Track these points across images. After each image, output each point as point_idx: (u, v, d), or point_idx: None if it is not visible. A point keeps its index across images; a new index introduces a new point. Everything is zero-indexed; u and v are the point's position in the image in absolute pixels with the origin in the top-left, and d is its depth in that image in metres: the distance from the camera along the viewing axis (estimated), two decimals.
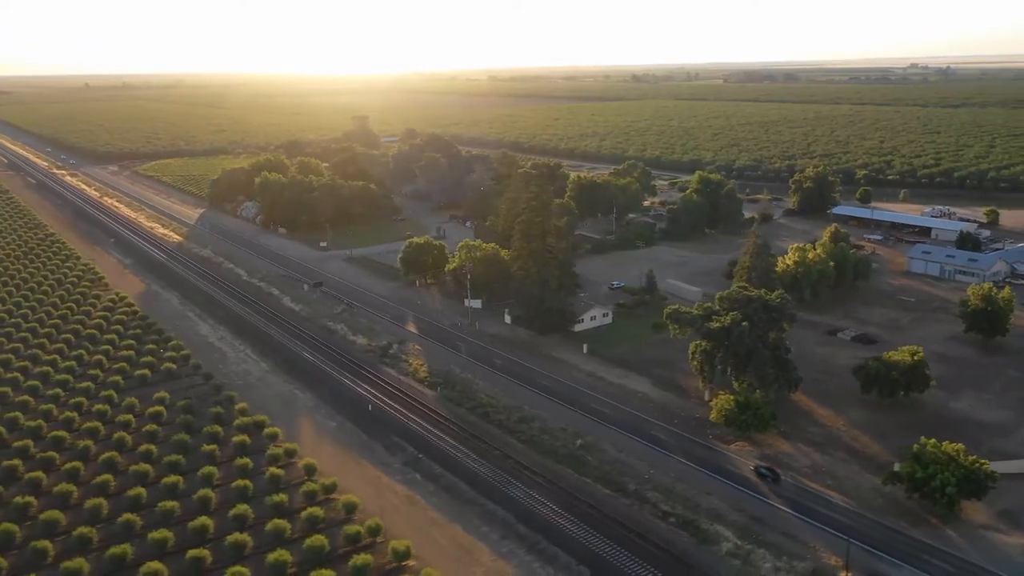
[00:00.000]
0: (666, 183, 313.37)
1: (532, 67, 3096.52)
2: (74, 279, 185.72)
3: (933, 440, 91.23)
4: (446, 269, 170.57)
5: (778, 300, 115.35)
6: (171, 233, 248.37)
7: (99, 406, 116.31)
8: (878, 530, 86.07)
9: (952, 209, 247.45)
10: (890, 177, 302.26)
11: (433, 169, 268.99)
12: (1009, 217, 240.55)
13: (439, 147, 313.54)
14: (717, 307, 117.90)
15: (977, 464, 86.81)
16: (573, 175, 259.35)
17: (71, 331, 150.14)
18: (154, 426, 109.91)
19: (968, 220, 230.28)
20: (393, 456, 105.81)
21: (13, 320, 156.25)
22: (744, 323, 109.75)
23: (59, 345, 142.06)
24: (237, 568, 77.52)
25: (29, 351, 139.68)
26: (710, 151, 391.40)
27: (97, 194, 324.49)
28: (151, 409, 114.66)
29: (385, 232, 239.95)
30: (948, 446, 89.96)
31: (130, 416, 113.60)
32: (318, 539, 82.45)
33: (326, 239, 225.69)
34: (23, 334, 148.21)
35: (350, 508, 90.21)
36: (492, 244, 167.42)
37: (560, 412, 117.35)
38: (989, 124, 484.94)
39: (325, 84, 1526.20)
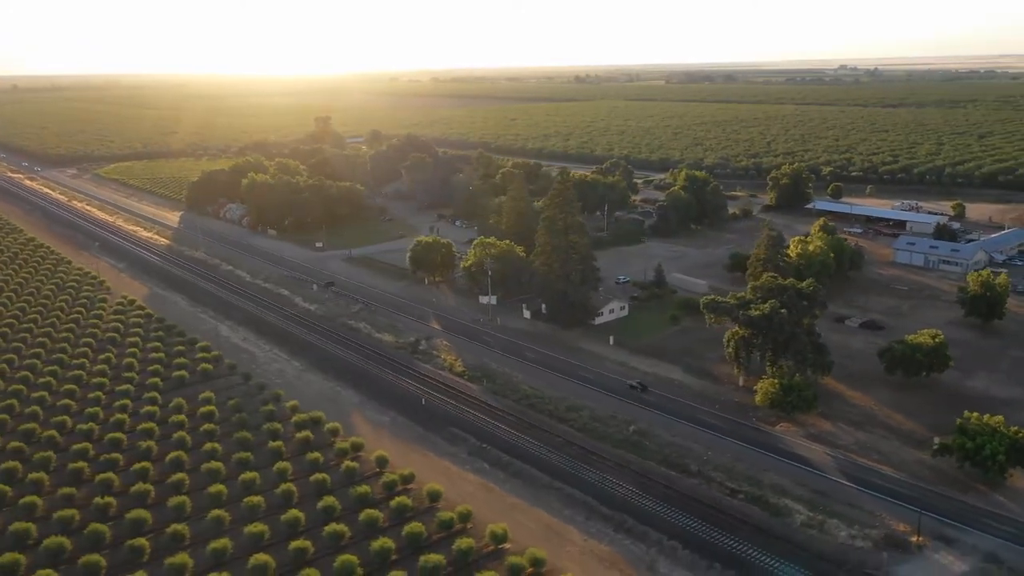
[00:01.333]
0: (640, 181, 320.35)
1: (473, 68, 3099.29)
2: (73, 283, 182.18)
3: (976, 413, 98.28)
4: (462, 266, 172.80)
5: (810, 288, 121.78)
6: (156, 236, 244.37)
7: (148, 407, 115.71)
8: (934, 498, 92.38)
9: (919, 203, 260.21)
10: (854, 174, 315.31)
11: (419, 169, 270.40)
12: (972, 210, 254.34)
13: (416, 147, 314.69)
14: (750, 296, 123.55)
15: (1020, 434, 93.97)
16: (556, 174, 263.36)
17: (89, 335, 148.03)
18: (211, 425, 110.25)
19: (936, 214, 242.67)
20: (456, 447, 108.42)
21: (23, 326, 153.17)
22: (783, 310, 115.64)
23: (83, 349, 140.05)
24: (345, 557, 79.20)
25: (53, 356, 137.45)
26: (676, 150, 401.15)
27: (64, 198, 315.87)
28: (203, 409, 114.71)
29: (376, 232, 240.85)
30: (989, 419, 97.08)
31: (182, 416, 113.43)
32: (416, 526, 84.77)
33: (321, 240, 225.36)
34: (40, 339, 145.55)
35: (434, 496, 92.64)
36: (506, 241, 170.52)
37: (603, 400, 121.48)
38: (930, 123, 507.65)
39: (258, 85, 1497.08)
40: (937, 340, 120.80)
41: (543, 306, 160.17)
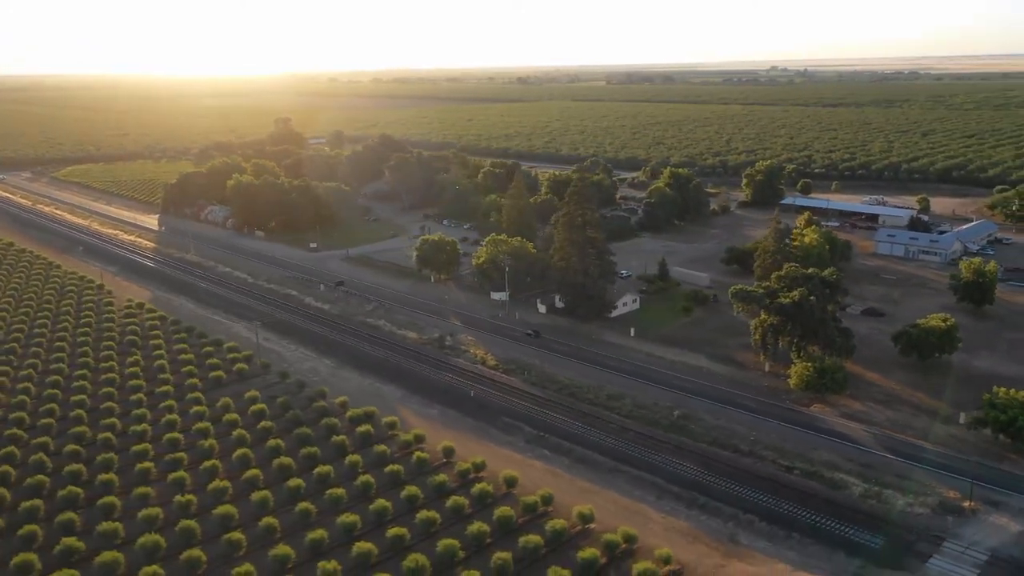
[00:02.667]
0: (614, 179, 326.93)
1: (410, 69, 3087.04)
2: (72, 287, 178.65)
3: (1003, 388, 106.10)
4: (474, 263, 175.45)
5: (833, 276, 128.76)
6: (139, 239, 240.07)
7: (196, 408, 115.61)
8: (974, 467, 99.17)
9: (884, 198, 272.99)
10: (816, 171, 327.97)
11: (403, 169, 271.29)
12: (932, 204, 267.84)
13: (392, 147, 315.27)
14: (775, 286, 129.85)
15: None
16: (548, 173, 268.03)
17: (107, 338, 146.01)
18: (267, 423, 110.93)
19: (902, 207, 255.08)
20: (512, 436, 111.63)
21: (36, 331, 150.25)
22: (811, 297, 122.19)
23: (107, 352, 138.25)
24: (447, 541, 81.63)
25: (79, 360, 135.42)
26: (640, 149, 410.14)
27: (28, 202, 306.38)
28: (253, 407, 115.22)
29: (367, 232, 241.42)
30: (1015, 393, 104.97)
31: (234, 415, 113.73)
32: (505, 510, 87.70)
33: (315, 240, 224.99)
34: (58, 343, 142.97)
35: (511, 482, 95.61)
36: (518, 238, 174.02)
37: (641, 388, 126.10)
38: (873, 122, 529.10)
39: (186, 87, 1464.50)
40: (948, 323, 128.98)
41: (556, 300, 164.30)
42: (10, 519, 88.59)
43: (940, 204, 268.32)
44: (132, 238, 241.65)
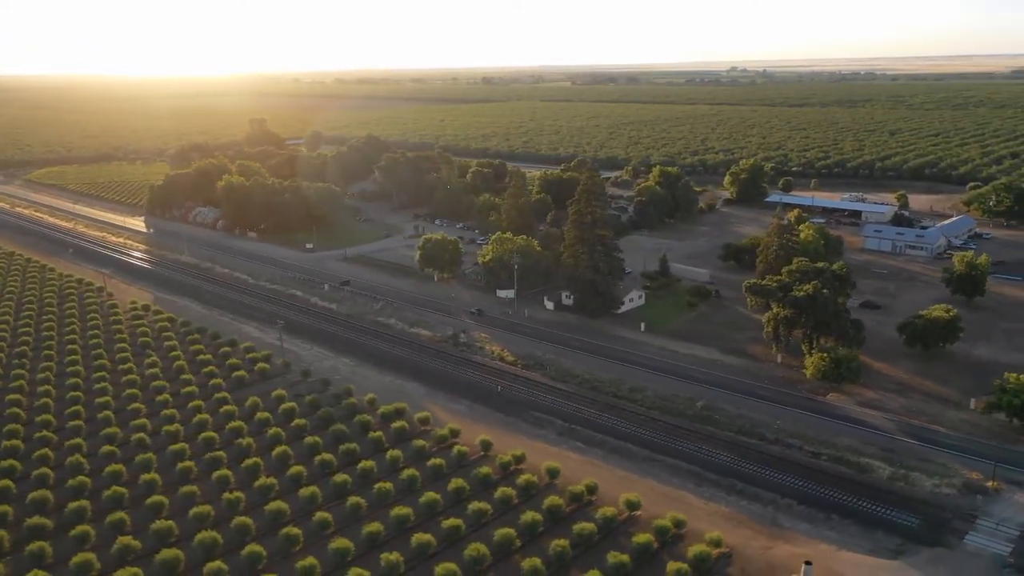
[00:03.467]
0: None
1: (373, 69, 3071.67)
2: (72, 290, 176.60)
3: (1014, 375, 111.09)
4: (480, 261, 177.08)
5: (842, 270, 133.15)
6: (129, 242, 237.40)
7: (226, 407, 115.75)
8: (991, 449, 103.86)
9: (864, 195, 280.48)
10: (794, 169, 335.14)
11: (393, 169, 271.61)
12: (911, 200, 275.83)
13: (378, 147, 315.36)
14: (786, 280, 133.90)
15: None
16: (538, 173, 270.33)
17: (118, 340, 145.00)
18: (301, 420, 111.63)
19: (882, 204, 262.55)
20: (544, 429, 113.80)
21: (45, 333, 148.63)
22: (825, 290, 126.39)
23: (123, 355, 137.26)
24: (504, 530, 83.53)
25: (94, 362, 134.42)
26: (618, 149, 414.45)
27: (7, 205, 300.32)
28: (283, 406, 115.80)
29: (360, 233, 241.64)
30: None
31: (266, 413, 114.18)
32: (554, 500, 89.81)
33: (311, 241, 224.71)
34: (70, 346, 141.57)
35: (553, 473, 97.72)
36: (523, 236, 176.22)
37: (660, 381, 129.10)
38: (840, 121, 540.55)
39: (143, 87, 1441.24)
40: (951, 314, 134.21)
41: (563, 296, 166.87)
42: (58, 520, 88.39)
43: (915, 201, 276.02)
44: (121, 240, 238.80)
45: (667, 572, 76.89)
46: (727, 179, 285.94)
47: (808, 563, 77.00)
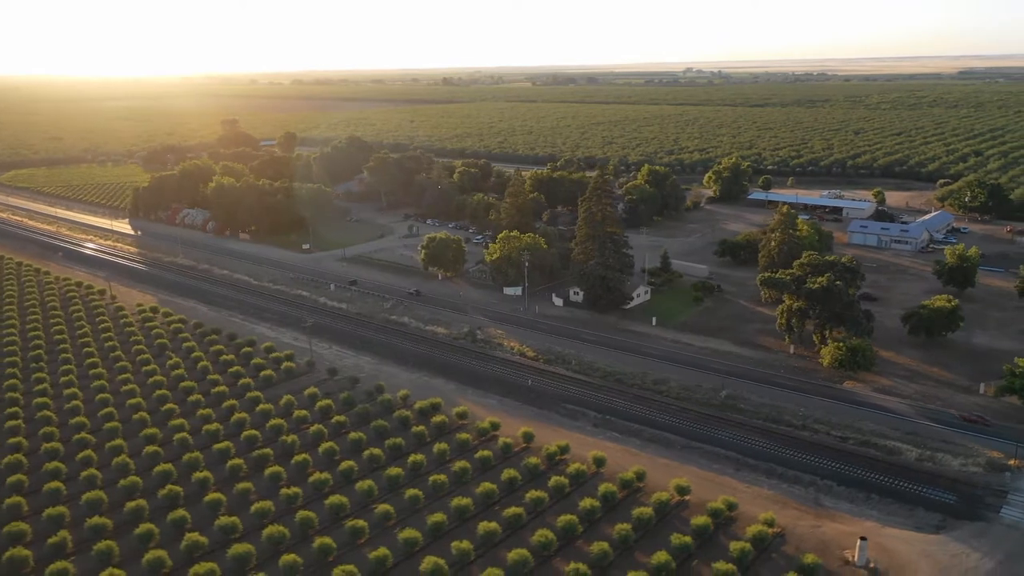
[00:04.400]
0: None
1: (328, 70, 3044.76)
2: (73, 293, 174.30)
3: (1022, 360, 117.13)
4: (488, 260, 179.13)
5: (852, 263, 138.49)
6: (119, 244, 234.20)
7: (262, 406, 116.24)
8: (1005, 430, 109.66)
9: (841, 192, 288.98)
10: (769, 167, 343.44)
11: (382, 170, 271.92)
12: (887, 196, 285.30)
13: (361, 148, 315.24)
14: (799, 273, 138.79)
15: None
16: (529, 172, 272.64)
17: (135, 342, 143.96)
18: (341, 417, 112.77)
19: (861, 200, 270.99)
20: (578, 421, 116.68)
21: (56, 337, 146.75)
22: (838, 282, 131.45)
23: (144, 356, 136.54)
24: (568, 517, 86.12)
25: (116, 364, 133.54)
26: (595, 149, 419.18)
27: None
28: (320, 403, 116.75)
29: (353, 233, 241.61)
30: None
31: (304, 411, 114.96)
32: (608, 487, 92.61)
33: (308, 241, 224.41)
34: (87, 349, 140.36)
35: (600, 462, 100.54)
36: (530, 234, 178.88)
37: (680, 372, 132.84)
38: (804, 121, 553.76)
39: (96, 88, 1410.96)
40: (952, 304, 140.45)
41: (571, 293, 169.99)
42: (117, 519, 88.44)
43: (890, 197, 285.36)
44: (110, 243, 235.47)
45: (731, 551, 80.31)
46: (706, 178, 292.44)
47: (863, 539, 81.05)
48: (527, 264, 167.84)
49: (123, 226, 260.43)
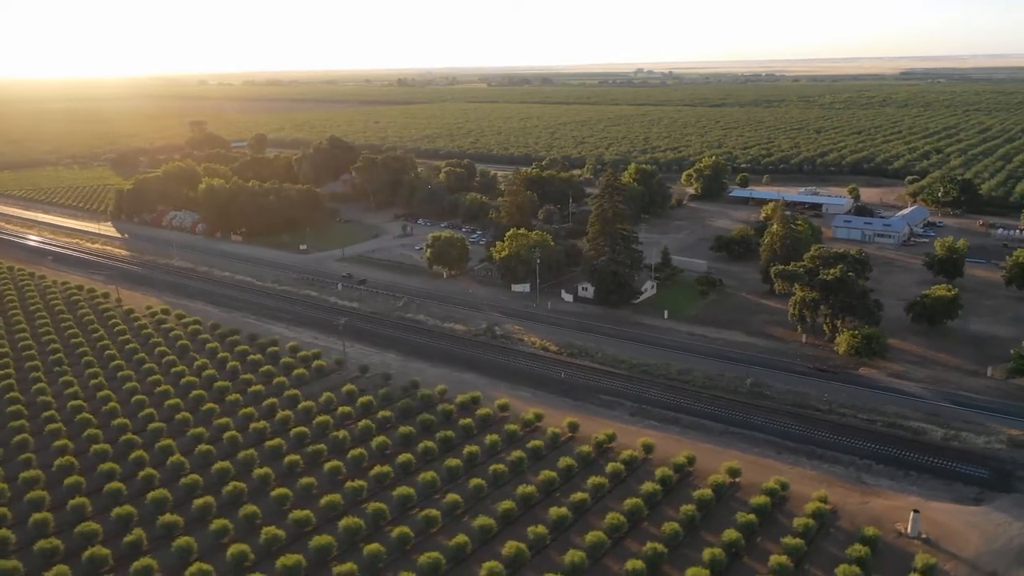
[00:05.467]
0: None
1: (278, 71, 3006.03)
2: (78, 297, 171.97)
3: None
4: (497, 257, 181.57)
5: (860, 255, 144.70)
6: (108, 248, 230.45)
7: (303, 403, 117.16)
8: (1019, 409, 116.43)
9: (816, 189, 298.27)
10: (743, 165, 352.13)
11: (370, 170, 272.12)
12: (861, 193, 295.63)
13: (343, 149, 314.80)
14: (810, 265, 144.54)
15: None
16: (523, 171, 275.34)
17: (155, 344, 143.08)
18: (386, 412, 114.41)
19: (838, 197, 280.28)
20: (615, 411, 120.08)
21: (74, 341, 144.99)
22: (851, 273, 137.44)
23: (170, 358, 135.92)
24: (633, 500, 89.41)
25: (142, 367, 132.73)
26: (569, 148, 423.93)
27: None
28: (361, 399, 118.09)
29: (346, 234, 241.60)
30: None
31: (348, 408, 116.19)
32: (664, 471, 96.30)
33: (302, 242, 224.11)
34: (108, 352, 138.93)
35: (648, 448, 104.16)
36: (537, 232, 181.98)
37: (702, 363, 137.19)
38: (766, 120, 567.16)
39: (45, 90, 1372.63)
40: (952, 293, 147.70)
41: (579, 289, 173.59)
42: (186, 517, 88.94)
43: (862, 193, 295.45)
44: (98, 246, 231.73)
45: (795, 526, 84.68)
46: (684, 176, 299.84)
47: (916, 511, 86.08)
48: (538, 261, 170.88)
49: (106, 229, 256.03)
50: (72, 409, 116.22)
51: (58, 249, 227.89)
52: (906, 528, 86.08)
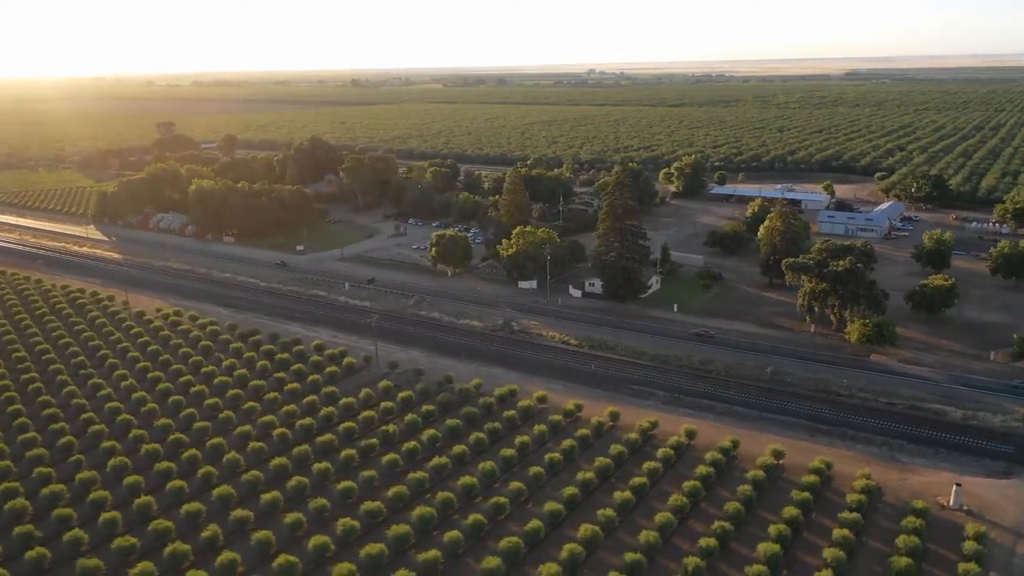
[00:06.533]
0: None
1: (227, 72, 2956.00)
2: (84, 301, 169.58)
3: None
4: (505, 255, 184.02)
5: (865, 247, 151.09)
6: (98, 251, 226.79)
7: (344, 399, 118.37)
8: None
9: (792, 186, 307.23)
10: (716, 164, 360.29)
11: (359, 170, 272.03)
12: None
13: (325, 150, 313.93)
14: (818, 257, 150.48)
15: None
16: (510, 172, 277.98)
17: (176, 347, 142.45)
18: (429, 406, 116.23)
19: (815, 193, 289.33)
20: (648, 400, 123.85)
21: (92, 344, 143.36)
22: (859, 265, 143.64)
23: (196, 359, 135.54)
24: (692, 483, 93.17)
25: (172, 368, 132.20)
26: (543, 148, 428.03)
27: None
28: (401, 394, 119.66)
29: (338, 234, 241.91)
30: None
31: (390, 403, 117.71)
32: (714, 454, 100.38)
33: (298, 243, 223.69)
34: (132, 354, 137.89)
35: (691, 435, 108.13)
36: (544, 229, 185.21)
37: (721, 353, 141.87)
38: (728, 120, 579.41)
39: None
40: (949, 283, 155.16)
41: (586, 284, 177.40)
42: (256, 511, 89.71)
43: (837, 190, 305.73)
44: (87, 249, 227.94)
45: (848, 501, 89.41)
46: (662, 174, 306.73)
47: (958, 484, 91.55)
48: (548, 257, 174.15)
49: (92, 232, 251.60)
50: (110, 411, 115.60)
51: (47, 253, 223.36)
52: (948, 501, 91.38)
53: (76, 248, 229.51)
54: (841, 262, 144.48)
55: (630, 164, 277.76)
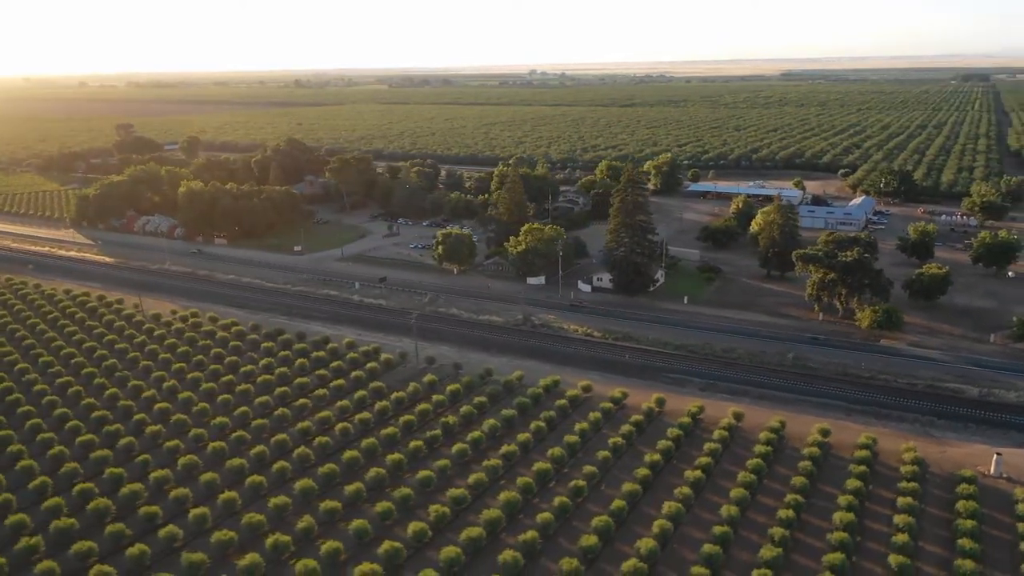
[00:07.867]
0: None
1: (159, 72, 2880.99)
2: (93, 304, 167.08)
3: None
4: (515, 252, 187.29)
5: (869, 239, 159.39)
6: (88, 255, 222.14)
7: (396, 394, 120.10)
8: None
9: (764, 183, 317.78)
10: (685, 162, 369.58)
11: (344, 171, 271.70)
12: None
13: (303, 151, 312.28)
14: (826, 249, 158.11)
15: None
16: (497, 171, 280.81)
17: (204, 350, 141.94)
18: (481, 398, 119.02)
19: (788, 189, 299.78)
20: (686, 387, 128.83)
21: (119, 346, 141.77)
22: (866, 255, 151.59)
23: (232, 358, 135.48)
24: (756, 461, 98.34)
25: (209, 368, 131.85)
26: (510, 147, 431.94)
27: None
28: (450, 387, 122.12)
29: (330, 234, 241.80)
30: None
31: (441, 396, 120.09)
32: (767, 434, 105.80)
33: (296, 243, 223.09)
34: (163, 356, 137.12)
35: (739, 417, 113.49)
36: (551, 226, 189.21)
37: (740, 341, 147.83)
38: (684, 119, 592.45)
39: None
40: (944, 271, 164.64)
41: (595, 279, 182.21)
42: (318, 517, 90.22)
43: (808, 186, 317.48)
44: (75, 253, 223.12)
45: (903, 472, 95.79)
46: (651, 171, 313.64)
47: (999, 454, 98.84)
48: (560, 253, 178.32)
49: (75, 236, 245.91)
50: (160, 412, 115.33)
51: (35, 257, 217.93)
52: (988, 470, 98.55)
53: (64, 252, 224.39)
54: (849, 253, 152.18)
55: (616, 163, 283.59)
